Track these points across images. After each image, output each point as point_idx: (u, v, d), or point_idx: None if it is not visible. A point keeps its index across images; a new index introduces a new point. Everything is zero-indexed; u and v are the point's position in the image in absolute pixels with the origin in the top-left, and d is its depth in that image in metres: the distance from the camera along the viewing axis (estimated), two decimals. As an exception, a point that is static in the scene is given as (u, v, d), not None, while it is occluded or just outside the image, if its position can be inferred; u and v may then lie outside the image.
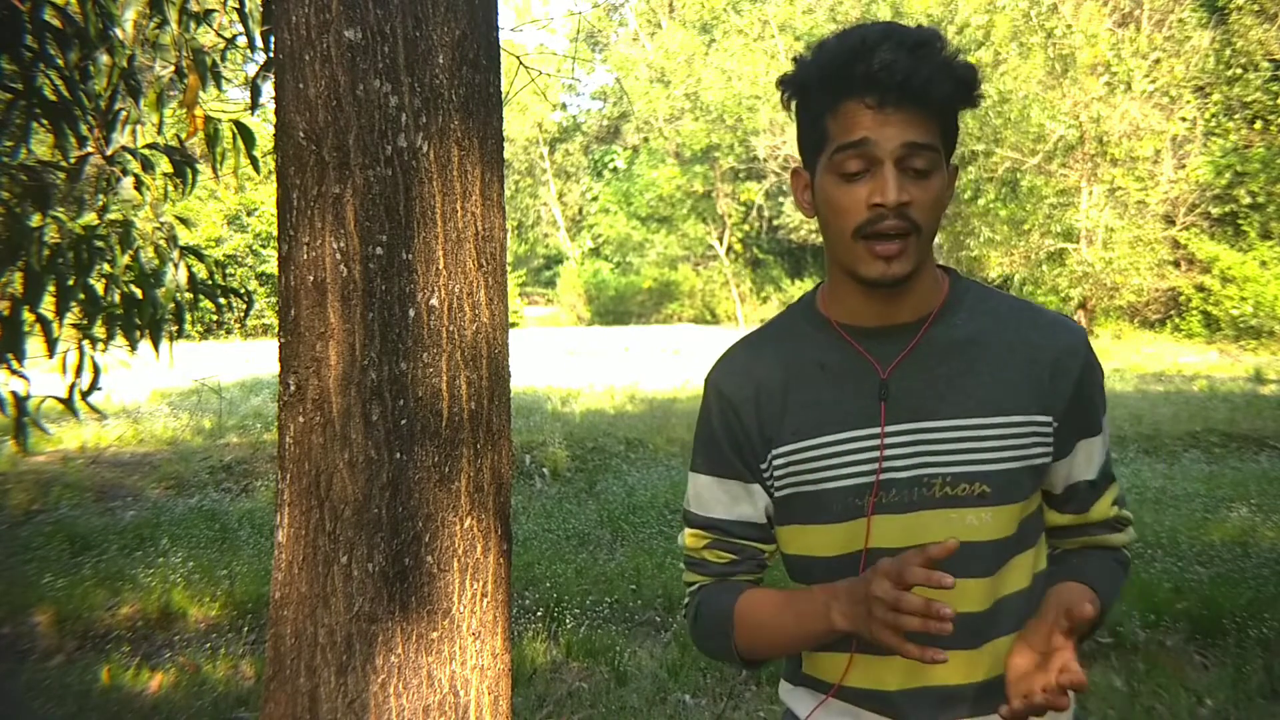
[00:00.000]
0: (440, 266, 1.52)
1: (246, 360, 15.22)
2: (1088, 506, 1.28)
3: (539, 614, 4.76)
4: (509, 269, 1.86)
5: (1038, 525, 1.27)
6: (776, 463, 1.26)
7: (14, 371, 2.85)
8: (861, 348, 1.24)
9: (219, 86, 3.34)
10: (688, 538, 1.36)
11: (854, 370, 1.24)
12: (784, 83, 1.22)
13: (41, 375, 3.34)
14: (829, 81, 1.16)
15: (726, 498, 1.31)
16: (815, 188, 1.21)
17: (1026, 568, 1.24)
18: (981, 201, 21.48)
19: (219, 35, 3.42)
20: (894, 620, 1.03)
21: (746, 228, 32.96)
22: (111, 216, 3.24)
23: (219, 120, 3.29)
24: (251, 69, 3.36)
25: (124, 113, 3.16)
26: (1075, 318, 18.25)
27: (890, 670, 1.21)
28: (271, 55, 1.72)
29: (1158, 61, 19.53)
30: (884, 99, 1.12)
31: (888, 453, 1.20)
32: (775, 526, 1.30)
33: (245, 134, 3.28)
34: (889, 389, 1.22)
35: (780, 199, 30.71)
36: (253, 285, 23.57)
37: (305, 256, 1.50)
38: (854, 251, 1.18)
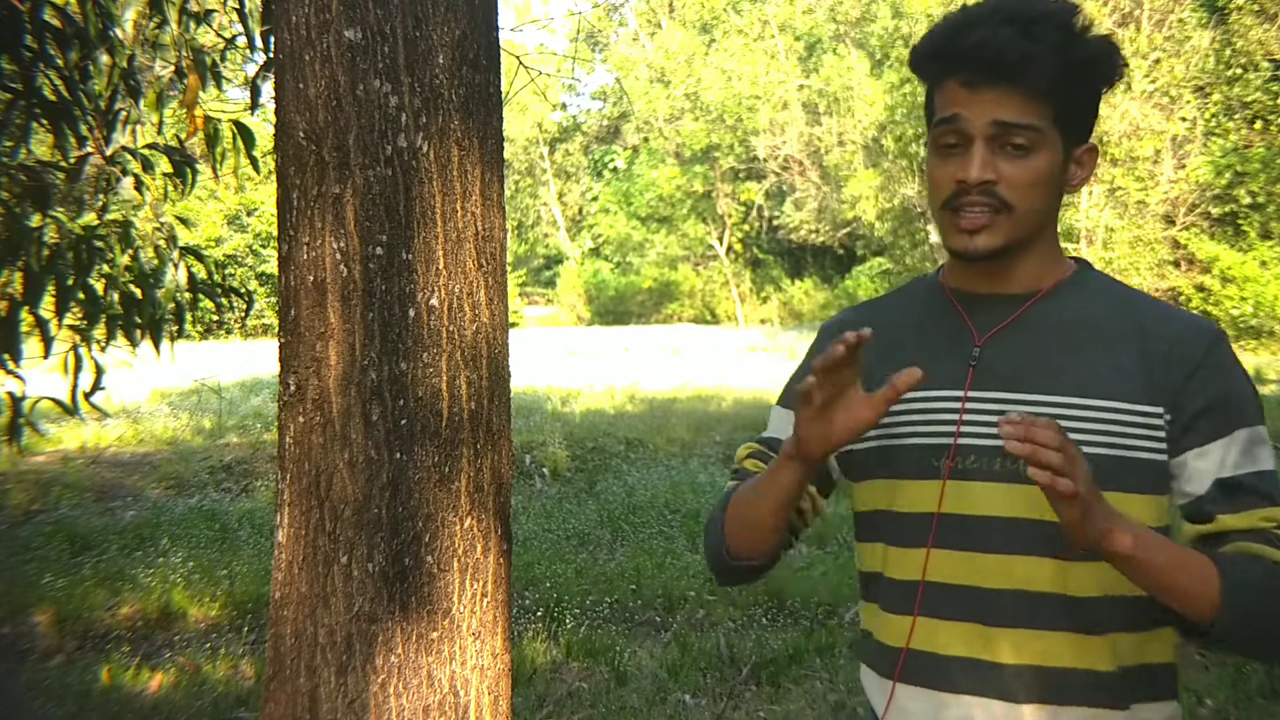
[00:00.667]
0: (440, 266, 1.52)
1: (246, 360, 15.21)
2: (1213, 516, 1.14)
3: (539, 614, 4.76)
4: (509, 269, 1.86)
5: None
6: None
7: (9, 372, 2.84)
8: (965, 313, 1.24)
9: (219, 86, 3.34)
10: (740, 451, 1.39)
11: (951, 333, 1.24)
12: (910, 56, 1.25)
13: (42, 376, 3.35)
14: (932, 58, 1.19)
15: (786, 425, 1.32)
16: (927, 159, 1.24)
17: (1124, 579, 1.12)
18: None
19: (219, 35, 3.42)
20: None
21: (746, 228, 32.96)
22: (111, 216, 3.24)
23: (219, 120, 3.29)
24: (251, 69, 3.36)
25: (124, 113, 3.16)
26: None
27: (950, 636, 1.18)
28: (271, 55, 1.72)
29: (1158, 61, 19.53)
30: (974, 77, 1.14)
31: (968, 417, 1.19)
32: (853, 483, 1.30)
33: (245, 134, 3.28)
34: (981, 356, 1.21)
35: (780, 199, 30.70)
36: (253, 285, 23.55)
37: (305, 256, 1.50)
38: (943, 223, 1.20)
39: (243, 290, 3.89)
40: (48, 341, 2.91)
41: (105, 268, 3.19)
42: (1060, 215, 1.28)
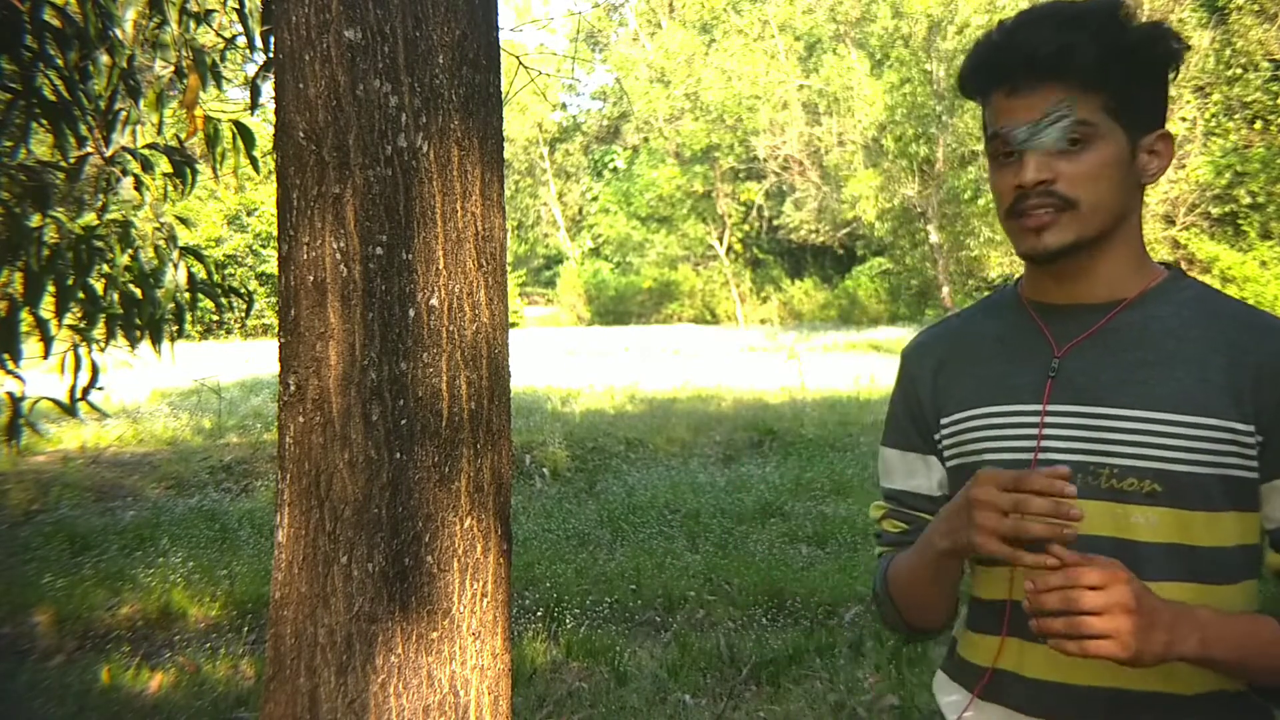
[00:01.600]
0: (440, 266, 1.52)
1: (246, 360, 15.22)
2: None
3: (539, 614, 4.76)
4: (509, 269, 1.86)
5: (1250, 560, 1.14)
6: (945, 432, 1.27)
7: (9, 372, 2.84)
8: (1043, 324, 1.21)
9: (219, 86, 3.34)
10: (872, 508, 1.38)
11: (1029, 345, 1.21)
12: (956, 82, 1.24)
13: (42, 376, 3.35)
14: (975, 73, 1.19)
15: (903, 469, 1.33)
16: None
17: (1223, 600, 1.10)
18: (981, 202, 21.50)
19: (219, 35, 3.42)
20: (995, 524, 1.01)
21: (746, 228, 33.00)
22: (111, 216, 3.24)
23: (219, 120, 3.29)
24: (251, 69, 3.35)
25: (124, 113, 3.16)
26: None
27: (1034, 657, 1.16)
28: (271, 55, 1.72)
29: (1158, 61, 19.51)
30: (1015, 84, 1.13)
31: (1047, 432, 1.16)
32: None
33: (245, 134, 3.28)
34: (1060, 367, 1.17)
35: (780, 199, 30.71)
36: (253, 285, 23.58)
37: (305, 256, 1.50)
38: (1010, 232, 1.18)
39: (243, 290, 3.88)
40: (48, 341, 2.91)
41: (105, 268, 3.19)
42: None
